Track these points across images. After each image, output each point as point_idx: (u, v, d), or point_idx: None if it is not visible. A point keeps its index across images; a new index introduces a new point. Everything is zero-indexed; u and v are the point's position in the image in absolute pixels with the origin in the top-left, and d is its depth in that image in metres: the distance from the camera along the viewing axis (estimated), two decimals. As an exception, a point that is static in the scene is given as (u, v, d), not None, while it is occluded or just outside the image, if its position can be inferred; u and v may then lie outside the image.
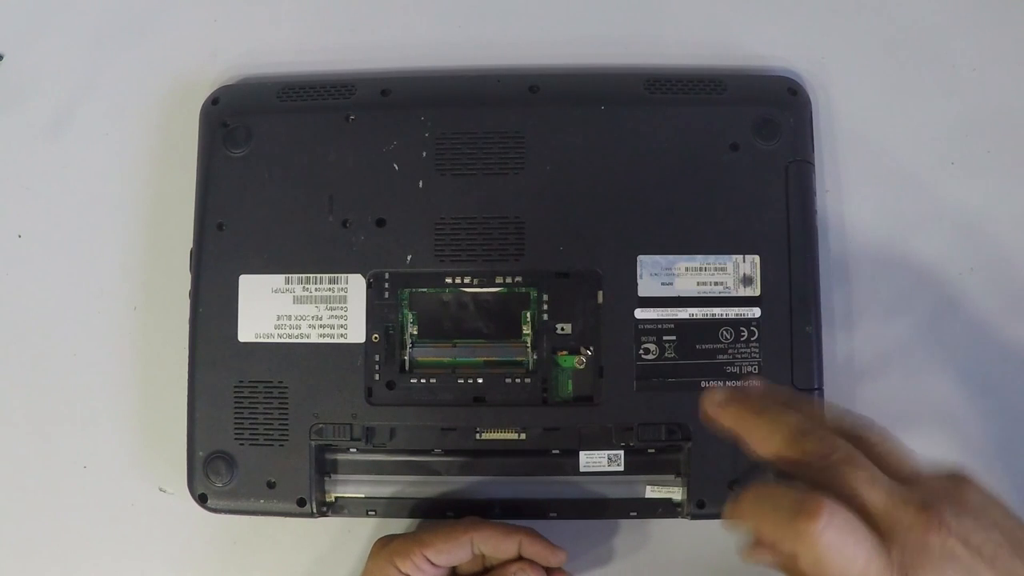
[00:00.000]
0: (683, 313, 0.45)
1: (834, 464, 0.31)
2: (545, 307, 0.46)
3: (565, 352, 0.46)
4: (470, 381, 0.45)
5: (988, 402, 0.48)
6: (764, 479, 0.34)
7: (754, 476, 0.44)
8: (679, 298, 0.45)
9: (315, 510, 0.45)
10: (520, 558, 0.43)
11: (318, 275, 0.46)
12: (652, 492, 0.45)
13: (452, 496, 0.46)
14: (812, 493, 0.30)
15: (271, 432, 0.45)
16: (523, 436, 0.45)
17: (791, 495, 0.30)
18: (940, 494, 0.30)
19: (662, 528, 0.47)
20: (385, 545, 0.44)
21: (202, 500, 0.46)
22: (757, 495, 0.32)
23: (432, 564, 0.43)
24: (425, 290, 0.46)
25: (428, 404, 0.45)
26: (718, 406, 0.35)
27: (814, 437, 0.32)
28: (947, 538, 0.29)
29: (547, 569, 0.43)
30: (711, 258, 0.46)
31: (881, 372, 0.48)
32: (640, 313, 0.45)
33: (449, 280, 0.46)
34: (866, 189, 0.49)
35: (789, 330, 0.45)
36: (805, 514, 0.29)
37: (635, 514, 0.46)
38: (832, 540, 0.29)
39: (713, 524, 0.44)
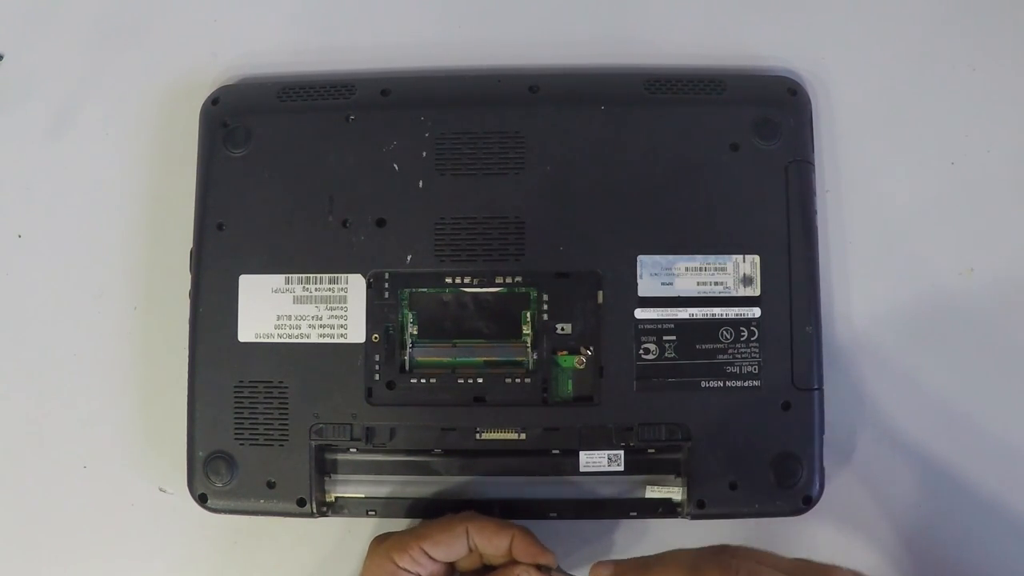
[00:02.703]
0: (683, 313, 0.45)
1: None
2: (545, 307, 0.46)
3: (565, 352, 0.46)
4: (470, 381, 0.45)
5: (988, 402, 0.48)
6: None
7: (753, 477, 0.44)
8: (679, 298, 0.45)
9: (315, 510, 0.45)
10: (518, 561, 0.43)
11: (318, 275, 0.46)
12: (652, 492, 0.45)
13: (452, 496, 0.46)
14: None
15: (271, 432, 0.45)
16: (523, 436, 0.45)
17: None
18: None
19: (662, 528, 0.47)
20: (382, 542, 0.44)
21: (202, 500, 0.46)
22: None
23: (430, 558, 0.42)
24: (425, 290, 0.46)
25: (428, 404, 0.45)
26: None
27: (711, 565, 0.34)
28: None
29: (544, 569, 0.43)
30: (711, 258, 0.46)
31: (881, 372, 0.48)
32: (640, 313, 0.45)
33: (449, 280, 0.46)
34: (866, 189, 0.49)
35: (789, 330, 0.45)
36: None
37: (635, 514, 0.46)
38: None
39: (713, 524, 0.44)
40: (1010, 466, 0.47)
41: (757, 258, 0.46)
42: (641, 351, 0.45)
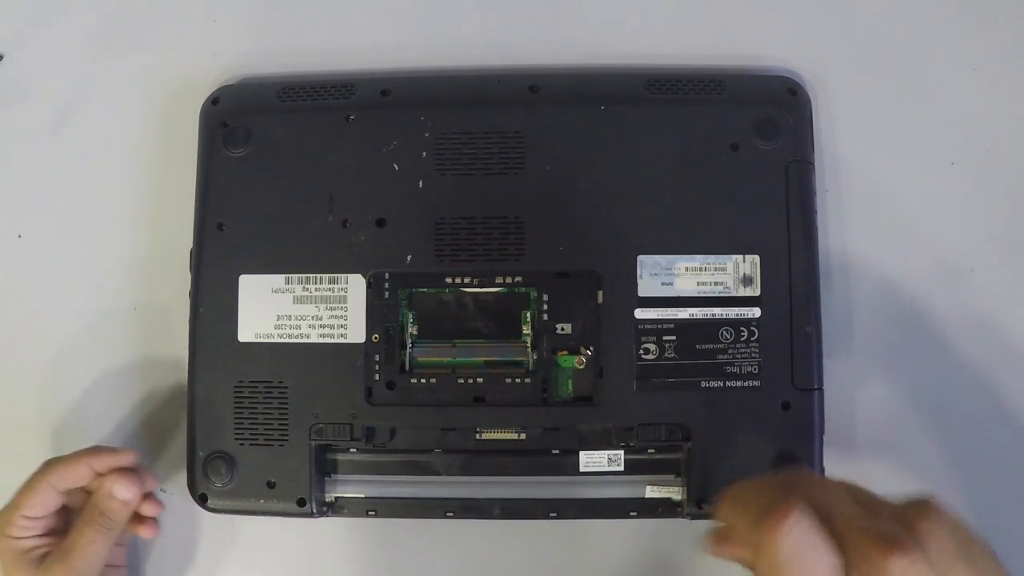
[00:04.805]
0: (683, 313, 0.45)
1: (807, 485, 0.31)
2: (545, 307, 0.46)
3: (565, 352, 0.46)
4: (470, 381, 0.45)
5: (987, 401, 0.48)
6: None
7: (754, 476, 0.44)
8: (679, 298, 0.45)
9: (315, 510, 0.45)
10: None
11: (318, 275, 0.46)
12: (652, 492, 0.45)
13: (452, 496, 0.46)
14: (788, 496, 0.30)
15: (271, 432, 0.45)
16: (523, 436, 0.45)
17: (768, 494, 0.30)
18: (903, 524, 0.30)
19: (662, 528, 0.47)
20: None
21: (202, 500, 0.46)
22: (738, 490, 0.32)
23: (33, 519, 0.44)
24: (425, 290, 0.46)
25: (428, 404, 0.45)
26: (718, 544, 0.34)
27: (785, 477, 0.33)
28: (907, 569, 0.28)
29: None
30: (711, 258, 0.46)
31: (881, 372, 0.48)
32: (640, 313, 0.45)
33: (449, 280, 0.46)
34: (866, 189, 0.49)
35: (789, 330, 0.45)
36: (774, 514, 0.29)
37: (635, 514, 0.46)
38: (793, 546, 0.29)
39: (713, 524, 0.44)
40: (1010, 466, 0.47)
41: (757, 258, 0.46)
42: (641, 351, 0.45)
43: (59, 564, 0.43)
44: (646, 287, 0.45)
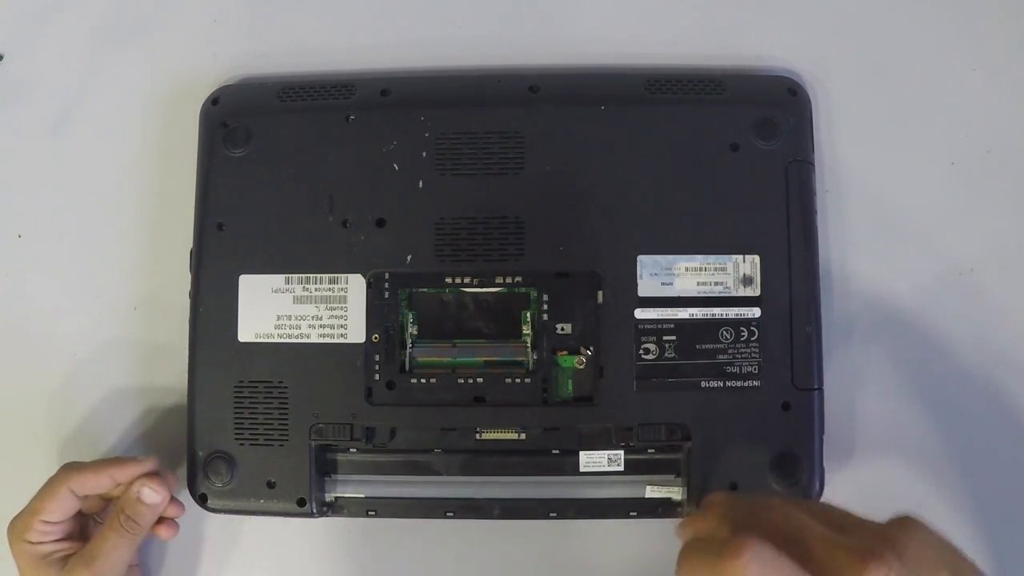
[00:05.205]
0: (683, 313, 0.45)
1: (770, 515, 0.31)
2: (545, 307, 0.46)
3: (565, 352, 0.46)
4: (470, 381, 0.45)
5: (987, 401, 0.48)
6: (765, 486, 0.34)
7: (753, 477, 0.44)
8: (679, 298, 0.45)
9: (315, 510, 0.45)
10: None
11: (318, 275, 0.46)
12: (652, 492, 0.45)
13: (452, 496, 0.46)
14: (741, 533, 0.29)
15: (271, 432, 0.45)
16: (523, 436, 0.45)
17: (723, 532, 0.30)
18: (880, 539, 0.30)
19: (662, 528, 0.47)
20: (11, 531, 0.45)
21: (202, 500, 0.46)
22: (692, 544, 0.32)
23: (51, 523, 0.44)
24: (425, 290, 0.46)
25: (428, 404, 0.45)
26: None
27: (753, 503, 0.32)
28: None
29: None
30: (711, 258, 0.46)
31: (881, 372, 0.48)
32: (640, 313, 0.45)
33: (449, 280, 0.46)
34: (866, 189, 0.49)
35: (789, 330, 0.45)
36: (728, 553, 0.29)
37: (635, 514, 0.46)
38: None
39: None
40: (1011, 466, 0.47)
41: (757, 258, 0.46)
42: (641, 351, 0.45)
43: (82, 568, 0.43)
44: (646, 287, 0.45)
